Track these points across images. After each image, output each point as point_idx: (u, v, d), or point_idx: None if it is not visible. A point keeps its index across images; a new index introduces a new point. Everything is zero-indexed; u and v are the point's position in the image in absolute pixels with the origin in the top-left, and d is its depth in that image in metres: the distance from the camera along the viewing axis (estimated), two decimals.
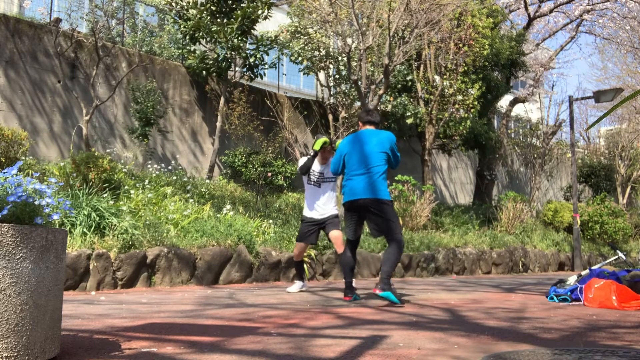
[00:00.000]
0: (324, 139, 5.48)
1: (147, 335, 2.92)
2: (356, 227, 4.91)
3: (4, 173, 2.23)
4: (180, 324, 3.37)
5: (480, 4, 13.38)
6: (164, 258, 6.19)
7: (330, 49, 13.27)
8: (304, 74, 13.79)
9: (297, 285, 5.90)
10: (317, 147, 5.43)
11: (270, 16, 11.21)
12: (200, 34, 10.85)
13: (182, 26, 10.92)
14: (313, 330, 3.19)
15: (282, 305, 4.48)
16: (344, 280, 5.05)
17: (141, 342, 2.71)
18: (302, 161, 5.62)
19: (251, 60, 11.31)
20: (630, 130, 20.72)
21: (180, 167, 10.97)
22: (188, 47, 11.65)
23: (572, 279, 5.44)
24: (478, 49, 12.49)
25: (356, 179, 4.77)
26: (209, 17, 10.67)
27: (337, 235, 5.53)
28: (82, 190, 6.56)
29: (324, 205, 5.60)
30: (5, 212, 2.11)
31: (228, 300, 4.91)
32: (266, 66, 11.90)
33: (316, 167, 5.62)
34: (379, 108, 13.53)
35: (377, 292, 4.56)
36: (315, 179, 5.59)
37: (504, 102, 19.21)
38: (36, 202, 2.24)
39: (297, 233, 8.08)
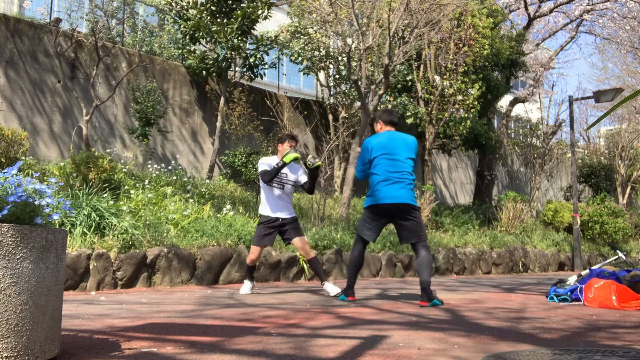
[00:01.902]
0: (296, 155, 5.26)
1: (147, 335, 2.92)
2: (379, 230, 4.94)
3: (4, 173, 2.23)
4: (180, 324, 3.37)
5: (480, 4, 13.38)
6: (164, 258, 6.19)
7: (330, 49, 13.27)
8: (304, 74, 13.79)
9: (248, 285, 5.59)
10: (287, 160, 5.23)
11: (270, 16, 11.21)
12: (200, 34, 10.85)
13: (182, 26, 10.92)
14: (313, 330, 3.19)
15: (282, 305, 4.48)
16: (348, 280, 5.01)
17: (141, 342, 2.71)
18: (264, 166, 5.36)
19: (251, 60, 11.31)
20: (630, 130, 20.72)
21: (180, 167, 10.97)
22: (188, 47, 11.65)
23: (572, 279, 5.44)
24: (478, 49, 12.49)
25: (393, 184, 4.73)
26: (209, 17, 10.67)
27: (304, 242, 5.39)
28: (82, 190, 6.56)
29: (287, 205, 5.43)
30: (5, 212, 2.11)
31: (228, 300, 4.91)
32: (266, 66, 11.90)
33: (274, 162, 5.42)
34: (379, 108, 13.54)
35: (426, 304, 4.57)
36: (280, 180, 5.41)
37: (504, 102, 19.21)
38: (36, 202, 2.24)
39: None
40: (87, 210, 6.01)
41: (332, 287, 5.37)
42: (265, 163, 5.41)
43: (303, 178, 5.54)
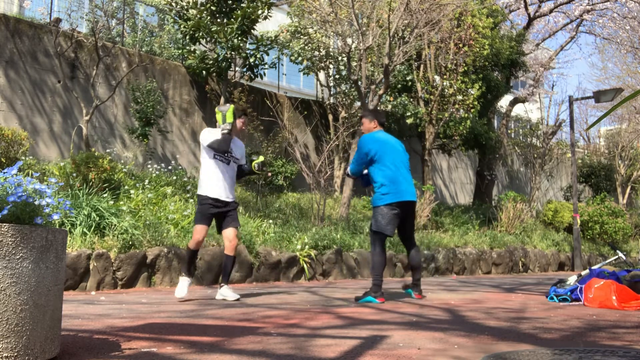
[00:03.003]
0: (232, 106, 4.76)
1: (147, 335, 2.91)
2: (397, 225, 4.95)
3: (4, 173, 2.23)
4: (180, 324, 3.37)
5: (480, 4, 13.38)
6: (164, 258, 6.19)
7: (330, 49, 13.27)
8: (304, 74, 13.79)
9: (186, 282, 4.81)
10: (229, 118, 4.68)
11: (270, 16, 11.21)
12: (200, 34, 10.85)
13: (182, 26, 10.92)
14: (313, 330, 3.19)
15: (282, 305, 4.48)
16: (375, 280, 4.82)
17: (141, 342, 2.71)
18: (210, 135, 4.73)
19: (251, 60, 11.31)
20: (630, 130, 20.71)
21: (180, 167, 10.96)
22: (188, 47, 11.65)
23: (572, 279, 5.44)
24: (478, 49, 12.49)
25: (405, 181, 4.91)
26: (209, 17, 10.67)
27: (235, 234, 4.82)
28: (82, 190, 6.56)
29: (230, 186, 4.85)
30: (5, 212, 2.11)
31: (228, 300, 4.91)
32: (266, 66, 11.90)
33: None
34: (379, 108, 13.54)
35: (420, 296, 5.15)
36: (226, 155, 4.82)
37: (504, 102, 19.21)
38: (36, 202, 2.24)
39: (295, 232, 8.13)
40: (87, 210, 6.01)
41: (230, 292, 4.91)
42: (211, 134, 4.77)
43: (243, 160, 5.07)
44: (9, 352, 2.02)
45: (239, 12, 10.48)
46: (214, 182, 4.77)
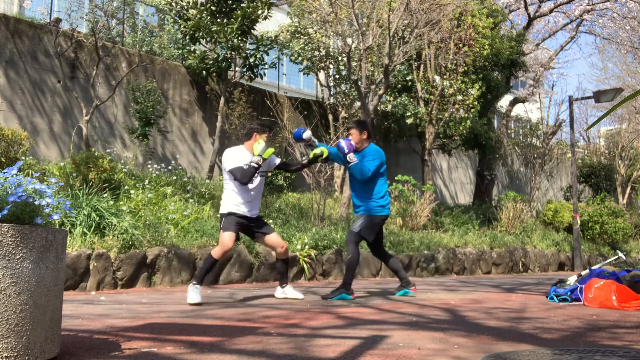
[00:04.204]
0: (272, 150, 4.81)
1: (147, 335, 2.91)
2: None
3: (4, 173, 2.23)
4: (180, 324, 3.37)
5: (480, 4, 13.37)
6: (164, 258, 6.19)
7: (330, 49, 13.27)
8: (304, 74, 13.79)
9: (198, 290, 4.49)
10: (266, 156, 4.69)
11: (270, 16, 11.21)
12: (200, 34, 10.85)
13: (182, 26, 10.92)
14: (313, 330, 3.19)
15: (282, 305, 4.48)
16: (348, 279, 5.17)
17: (141, 342, 2.71)
18: (235, 162, 4.62)
19: (251, 60, 11.31)
20: (630, 130, 20.71)
21: (180, 167, 10.96)
22: (188, 47, 11.65)
23: (572, 279, 5.44)
24: (478, 49, 12.48)
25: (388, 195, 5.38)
26: (209, 17, 10.67)
27: (279, 238, 4.89)
28: (82, 190, 6.56)
29: (257, 202, 4.84)
30: (5, 212, 2.11)
31: (228, 300, 4.91)
32: (266, 66, 11.90)
33: (247, 158, 4.69)
34: (378, 108, 13.54)
35: (415, 290, 5.52)
36: None
37: (504, 102, 19.21)
38: (36, 202, 2.24)
39: (295, 232, 8.12)
40: (87, 210, 6.01)
41: (294, 291, 5.07)
42: (236, 157, 4.65)
43: (276, 161, 5.04)
44: (9, 352, 2.02)
45: (239, 12, 10.47)
46: (238, 201, 4.69)
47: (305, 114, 13.90)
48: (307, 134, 5.16)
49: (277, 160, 5.09)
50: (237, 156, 4.67)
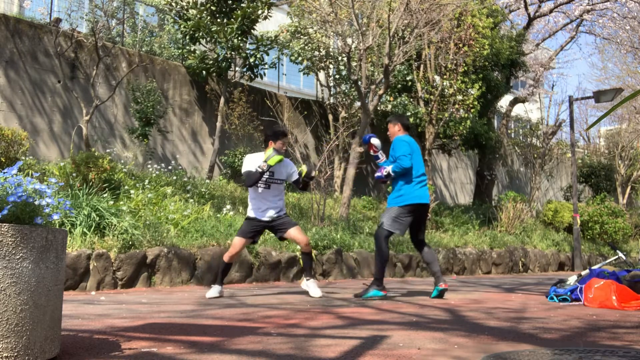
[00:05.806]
0: (281, 157, 4.96)
1: (147, 335, 2.91)
2: (408, 226, 5.26)
3: (4, 173, 2.23)
4: (180, 324, 3.37)
5: (480, 4, 13.37)
6: (164, 258, 6.19)
7: (330, 49, 13.27)
8: (304, 74, 13.79)
9: (217, 288, 5.10)
10: (272, 163, 4.91)
11: (270, 16, 11.21)
12: (200, 34, 10.85)
13: (182, 26, 10.92)
14: (313, 330, 3.19)
15: (282, 305, 4.48)
16: (377, 275, 5.16)
17: (141, 342, 2.71)
18: (249, 166, 4.98)
19: (251, 60, 11.31)
20: (630, 130, 20.71)
21: (180, 167, 10.97)
22: (188, 47, 11.65)
23: (572, 279, 5.44)
24: (478, 49, 12.48)
25: (424, 185, 5.26)
26: (209, 17, 10.67)
27: (301, 230, 5.09)
28: (82, 190, 6.56)
29: (275, 206, 5.09)
30: (5, 212, 2.11)
31: (228, 300, 4.91)
32: (266, 66, 11.90)
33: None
34: (379, 108, 13.54)
35: (447, 286, 5.27)
36: (265, 180, 5.04)
37: (504, 102, 19.21)
38: (36, 202, 2.24)
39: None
40: (87, 210, 6.01)
41: (316, 288, 5.19)
42: (251, 162, 5.02)
43: (294, 176, 5.24)
44: (9, 352, 2.02)
45: (239, 12, 10.48)
46: (256, 206, 5.08)
47: (305, 114, 13.90)
48: (377, 141, 5.36)
49: (296, 176, 5.26)
50: (253, 161, 5.04)
